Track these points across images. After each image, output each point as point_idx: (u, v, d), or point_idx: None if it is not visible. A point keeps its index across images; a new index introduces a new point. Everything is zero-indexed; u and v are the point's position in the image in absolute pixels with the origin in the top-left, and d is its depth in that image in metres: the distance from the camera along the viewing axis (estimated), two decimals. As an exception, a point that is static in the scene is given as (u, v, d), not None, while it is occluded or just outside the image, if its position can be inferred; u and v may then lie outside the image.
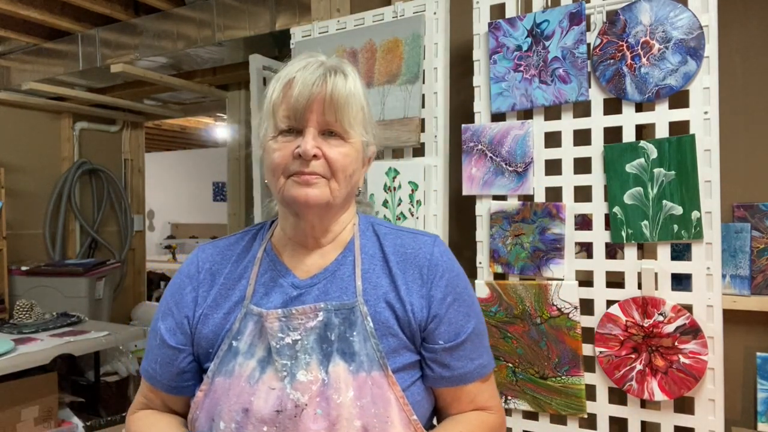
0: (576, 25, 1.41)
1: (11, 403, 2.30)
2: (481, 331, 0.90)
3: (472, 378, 0.87)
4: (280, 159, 0.81)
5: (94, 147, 4.13)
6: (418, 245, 0.88)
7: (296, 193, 0.80)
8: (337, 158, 0.81)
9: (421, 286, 0.85)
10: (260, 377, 0.78)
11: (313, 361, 0.78)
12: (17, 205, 3.60)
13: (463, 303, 0.87)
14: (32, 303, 2.90)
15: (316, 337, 0.80)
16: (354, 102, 0.83)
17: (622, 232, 1.36)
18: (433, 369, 0.85)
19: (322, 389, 0.77)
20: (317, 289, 0.84)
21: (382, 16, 1.70)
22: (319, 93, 0.80)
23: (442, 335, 0.84)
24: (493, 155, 1.52)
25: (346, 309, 0.81)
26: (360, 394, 0.77)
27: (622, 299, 1.36)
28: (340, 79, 0.82)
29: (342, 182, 0.82)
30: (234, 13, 2.60)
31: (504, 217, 1.50)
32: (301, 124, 0.81)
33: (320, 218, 0.85)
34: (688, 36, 1.29)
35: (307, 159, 0.79)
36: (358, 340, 0.80)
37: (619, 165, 1.36)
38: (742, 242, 1.39)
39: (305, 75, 0.81)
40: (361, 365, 0.78)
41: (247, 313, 0.83)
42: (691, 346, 1.27)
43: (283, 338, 0.80)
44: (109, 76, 3.16)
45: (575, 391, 1.40)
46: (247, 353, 0.81)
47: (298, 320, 0.81)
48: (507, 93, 1.50)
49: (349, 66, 0.86)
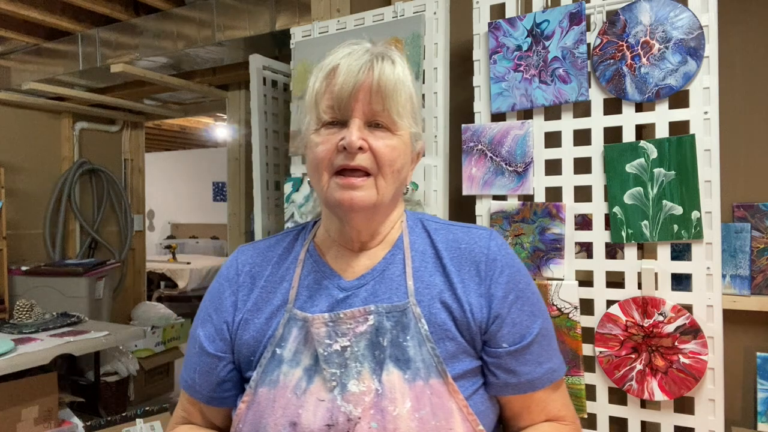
0: (576, 25, 1.41)
1: (11, 403, 2.29)
2: (549, 332, 0.81)
3: (541, 384, 0.78)
4: (323, 153, 0.75)
5: (94, 147, 4.13)
6: (473, 239, 0.81)
7: (341, 196, 0.74)
8: (384, 151, 0.74)
9: (479, 284, 0.78)
10: (307, 388, 0.72)
11: (365, 369, 0.72)
12: (17, 205, 3.60)
13: (527, 301, 0.79)
14: (32, 303, 2.90)
15: (367, 342, 0.74)
16: (403, 90, 0.76)
17: (622, 232, 1.36)
18: (498, 375, 0.77)
19: (376, 400, 0.70)
20: (365, 291, 0.78)
21: (382, 16, 1.70)
22: (366, 80, 0.74)
23: (505, 337, 0.77)
24: (493, 155, 1.52)
25: (397, 311, 0.74)
26: (418, 405, 0.70)
27: (622, 299, 1.36)
28: (388, 65, 0.76)
29: (389, 178, 0.75)
30: (234, 13, 2.60)
31: (504, 217, 1.50)
32: (345, 114, 0.74)
33: (367, 222, 0.78)
34: (688, 36, 1.29)
35: (352, 152, 0.73)
36: (413, 344, 0.73)
37: (619, 165, 1.36)
38: (742, 242, 1.39)
39: (350, 62, 0.74)
40: (417, 372, 0.71)
41: (291, 318, 0.77)
42: (691, 346, 1.27)
43: (330, 345, 0.73)
44: (109, 76, 3.16)
45: (575, 391, 1.40)
46: (292, 361, 0.75)
47: (346, 325, 0.74)
48: (507, 93, 1.50)
49: (396, 52, 0.79)
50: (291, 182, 1.88)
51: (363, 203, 0.74)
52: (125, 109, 4.20)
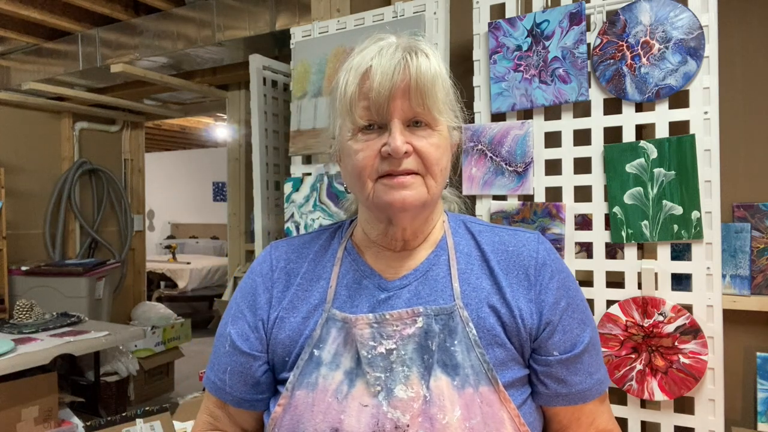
0: (576, 25, 1.41)
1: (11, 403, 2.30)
2: (598, 342, 0.78)
3: (591, 396, 0.75)
4: (365, 160, 0.70)
5: (94, 147, 4.13)
6: (521, 243, 0.78)
7: (391, 198, 0.69)
8: (429, 151, 0.70)
9: (528, 289, 0.74)
10: (349, 392, 0.69)
11: (413, 374, 0.68)
12: (17, 205, 3.60)
13: (577, 309, 0.76)
14: (32, 303, 2.90)
15: (416, 346, 0.70)
16: (441, 84, 0.72)
17: (622, 232, 1.36)
18: (548, 385, 0.74)
19: (425, 407, 0.67)
20: (407, 292, 0.74)
21: (382, 16, 1.70)
22: (403, 80, 0.69)
23: (557, 345, 0.73)
24: (493, 155, 1.52)
25: (445, 314, 0.71)
26: (469, 413, 0.66)
27: (622, 299, 1.36)
28: (424, 60, 0.71)
29: (438, 177, 0.72)
30: (234, 13, 2.60)
31: (504, 217, 1.50)
32: (384, 118, 0.70)
33: (413, 220, 0.74)
34: (688, 36, 1.29)
35: (398, 158, 0.69)
36: (461, 350, 0.69)
37: (619, 165, 1.36)
38: (742, 242, 1.39)
39: (383, 62, 0.70)
40: (467, 379, 0.68)
41: (330, 318, 0.74)
42: (691, 346, 1.27)
43: (375, 347, 0.70)
44: (109, 76, 3.16)
45: (575, 391, 1.40)
46: (332, 363, 0.71)
47: (392, 326, 0.71)
48: (507, 93, 1.50)
49: (425, 43, 0.74)
50: (291, 182, 1.88)
51: (415, 203, 0.70)
52: (125, 109, 4.20)
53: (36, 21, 2.85)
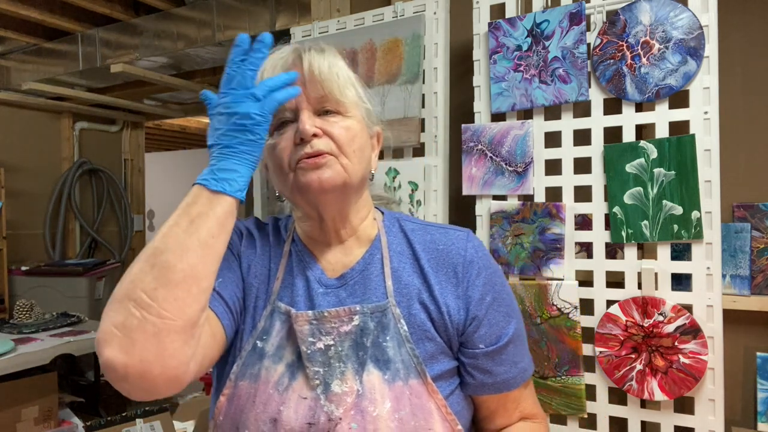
0: (576, 25, 1.41)
1: (11, 403, 2.29)
2: (522, 333, 0.83)
3: (516, 384, 0.80)
4: (282, 152, 0.74)
5: (94, 147, 4.13)
6: (451, 241, 0.81)
7: (308, 178, 0.73)
8: (339, 132, 0.74)
9: (456, 286, 0.78)
10: (290, 384, 0.72)
11: (348, 370, 0.72)
12: (17, 205, 3.60)
13: (503, 302, 0.80)
14: (32, 303, 2.90)
15: (351, 343, 0.73)
16: (338, 71, 0.77)
17: (622, 232, 1.36)
18: (474, 376, 0.78)
19: (357, 401, 0.70)
20: (345, 290, 0.78)
21: (382, 16, 1.70)
22: (300, 70, 0.75)
23: (482, 339, 0.78)
24: (493, 155, 1.52)
25: (379, 311, 0.75)
26: (398, 405, 0.70)
27: (622, 299, 1.36)
28: (316, 53, 0.77)
29: (352, 157, 0.75)
30: (234, 13, 2.60)
31: (504, 217, 1.50)
32: (292, 111, 0.75)
33: (339, 206, 0.78)
34: (688, 36, 1.29)
35: (307, 139, 0.72)
36: (392, 345, 0.73)
37: (619, 165, 1.36)
38: (742, 242, 1.39)
39: (282, 62, 0.76)
40: (397, 373, 0.72)
41: (275, 311, 0.77)
42: (691, 346, 1.27)
43: (314, 343, 0.73)
44: (109, 76, 3.16)
45: (575, 391, 1.40)
46: (275, 356, 0.74)
47: (330, 324, 0.74)
48: (507, 93, 1.50)
49: (323, 43, 0.80)
50: (291, 182, 1.88)
51: (332, 181, 0.73)
52: (125, 109, 4.19)
53: (36, 21, 2.85)
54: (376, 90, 1.67)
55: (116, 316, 0.60)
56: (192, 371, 0.64)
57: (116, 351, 0.59)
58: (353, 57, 1.72)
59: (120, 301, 0.61)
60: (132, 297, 0.60)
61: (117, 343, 0.59)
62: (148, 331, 0.59)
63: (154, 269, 0.62)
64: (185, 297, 0.62)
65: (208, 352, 0.70)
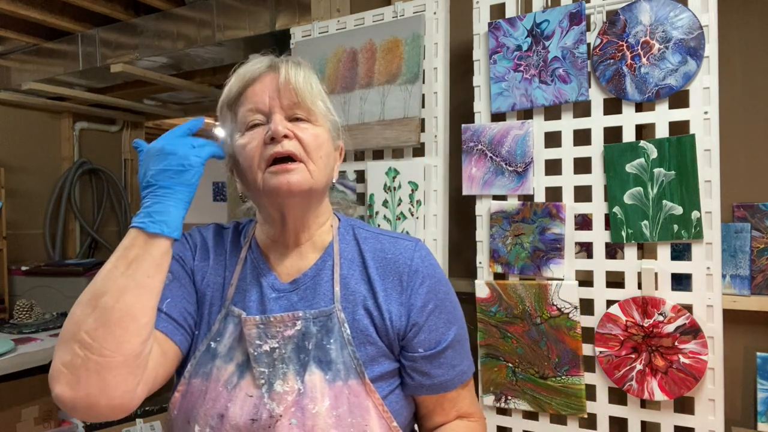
0: (576, 25, 1.41)
1: (11, 403, 2.29)
2: (463, 338, 0.88)
3: (453, 385, 0.85)
4: (252, 150, 0.79)
5: (94, 147, 4.13)
6: (399, 250, 0.86)
7: (278, 182, 0.77)
8: (309, 139, 0.80)
9: (400, 294, 0.83)
10: (238, 383, 0.77)
11: (290, 371, 0.77)
12: (17, 205, 3.60)
13: (444, 310, 0.85)
14: (32, 303, 2.90)
15: (294, 346, 0.78)
16: (312, 83, 0.83)
17: (622, 232, 1.36)
18: (413, 377, 0.83)
19: (298, 399, 0.75)
20: (296, 295, 0.83)
21: (382, 16, 1.70)
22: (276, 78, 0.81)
23: (422, 343, 0.83)
24: (493, 155, 1.52)
25: (323, 316, 0.79)
26: (336, 403, 0.75)
27: (622, 299, 1.36)
28: (293, 65, 0.83)
29: (319, 162, 0.80)
30: (234, 13, 2.60)
31: (504, 217, 1.50)
32: (264, 113, 0.80)
33: (302, 210, 0.83)
34: (688, 36, 1.29)
35: (279, 139, 0.77)
36: (335, 347, 0.78)
37: (619, 165, 1.36)
38: (742, 242, 1.39)
39: (259, 68, 0.82)
40: (338, 374, 0.77)
41: (228, 314, 0.82)
42: (691, 346, 1.27)
43: (261, 345, 0.78)
44: (109, 76, 3.16)
45: (575, 391, 1.40)
46: (226, 357, 0.79)
47: (276, 328, 0.79)
48: (507, 93, 1.50)
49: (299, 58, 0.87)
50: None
51: (299, 185, 0.78)
52: (125, 109, 4.19)
53: (36, 21, 2.85)
54: (376, 90, 1.67)
55: (63, 356, 0.66)
56: (140, 395, 0.70)
57: (64, 387, 0.65)
58: (353, 57, 1.72)
59: (66, 341, 0.67)
60: (76, 338, 0.66)
61: (65, 380, 0.65)
62: (91, 369, 0.65)
63: (95, 311, 0.67)
64: (124, 334, 0.66)
65: (160, 370, 0.76)
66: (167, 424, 0.83)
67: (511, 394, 1.49)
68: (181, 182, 0.72)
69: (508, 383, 1.49)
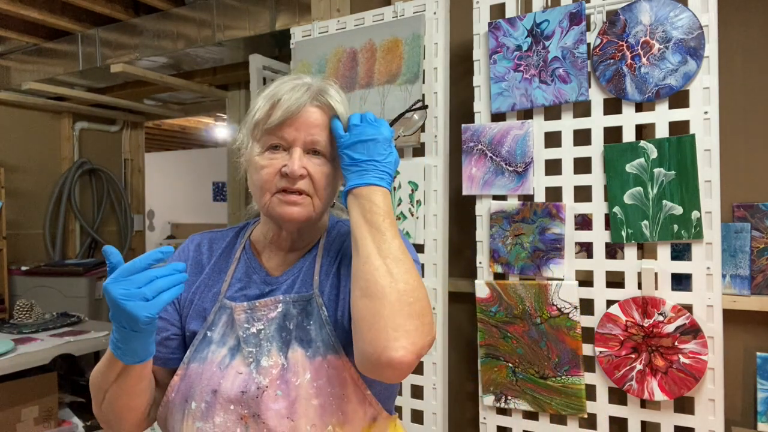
0: (576, 25, 1.41)
1: (11, 403, 2.29)
2: None
3: None
4: (267, 176, 0.86)
5: (94, 147, 4.13)
6: None
7: (282, 211, 0.86)
8: (320, 178, 0.87)
9: None
10: (230, 363, 0.86)
11: (273, 348, 0.86)
12: (17, 205, 3.60)
13: None
14: (32, 303, 2.90)
15: (276, 326, 0.87)
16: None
17: (622, 232, 1.36)
18: None
19: (282, 373, 0.84)
20: (285, 285, 0.91)
21: (382, 16, 1.70)
22: (305, 114, 0.86)
23: None
24: (493, 155, 1.52)
25: (303, 300, 0.88)
26: (316, 376, 0.84)
27: (622, 299, 1.36)
28: (334, 103, 0.89)
29: (323, 197, 0.89)
30: (234, 13, 2.60)
31: (504, 217, 1.50)
32: (287, 142, 0.86)
33: (300, 230, 0.92)
34: (688, 36, 1.29)
35: (294, 178, 0.84)
36: (314, 328, 0.87)
37: (619, 165, 1.36)
38: (742, 242, 1.39)
39: (292, 96, 0.86)
40: (317, 350, 0.85)
41: (221, 307, 0.91)
42: (691, 346, 1.27)
43: (249, 328, 0.88)
44: (109, 76, 3.16)
45: (575, 391, 1.40)
46: (220, 342, 0.89)
47: (261, 312, 0.88)
48: (507, 93, 1.50)
49: (334, 86, 0.92)
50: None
51: (301, 218, 0.87)
52: (125, 109, 4.20)
53: (36, 21, 2.85)
54: (376, 90, 1.67)
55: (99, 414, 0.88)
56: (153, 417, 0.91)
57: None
58: (353, 57, 1.72)
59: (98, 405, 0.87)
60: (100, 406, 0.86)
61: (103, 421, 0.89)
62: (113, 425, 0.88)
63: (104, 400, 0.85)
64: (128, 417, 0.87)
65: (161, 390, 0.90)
66: (164, 407, 0.90)
67: (511, 394, 1.49)
68: (136, 337, 0.76)
69: (508, 383, 1.49)
